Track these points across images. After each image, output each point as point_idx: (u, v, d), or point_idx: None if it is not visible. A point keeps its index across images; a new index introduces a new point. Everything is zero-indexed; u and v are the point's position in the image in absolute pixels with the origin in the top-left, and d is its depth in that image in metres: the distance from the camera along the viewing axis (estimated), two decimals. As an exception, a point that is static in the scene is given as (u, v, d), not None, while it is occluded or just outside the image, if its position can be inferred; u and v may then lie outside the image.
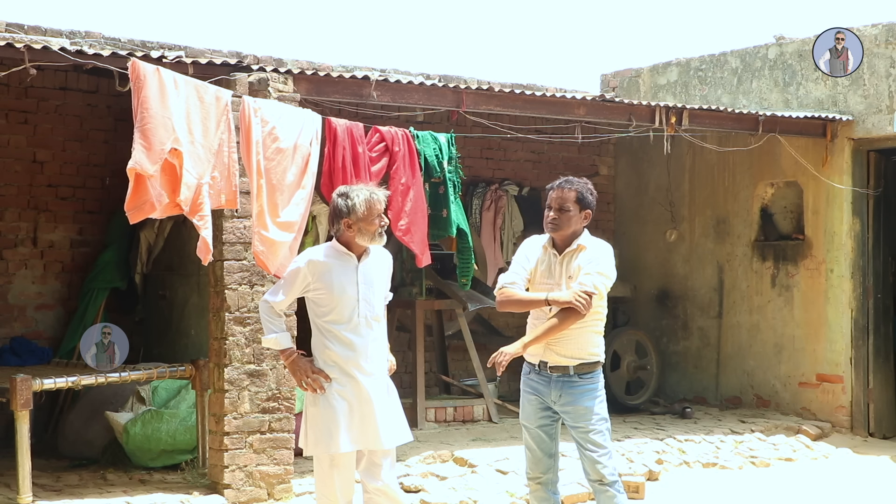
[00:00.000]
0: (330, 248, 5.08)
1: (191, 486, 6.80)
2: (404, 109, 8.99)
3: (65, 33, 8.15)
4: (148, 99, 5.59)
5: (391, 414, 5.09)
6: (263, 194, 6.15)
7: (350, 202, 4.97)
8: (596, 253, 5.10)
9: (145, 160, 5.50)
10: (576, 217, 5.15)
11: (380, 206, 5.02)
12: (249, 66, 6.84)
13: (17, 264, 8.60)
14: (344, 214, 4.98)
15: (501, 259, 10.63)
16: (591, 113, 8.63)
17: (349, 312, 4.99)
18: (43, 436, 8.10)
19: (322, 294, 4.99)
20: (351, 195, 4.99)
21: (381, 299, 5.15)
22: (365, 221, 4.97)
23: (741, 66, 10.49)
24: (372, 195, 5.01)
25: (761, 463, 8.53)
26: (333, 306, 4.98)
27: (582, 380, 5.10)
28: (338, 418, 4.93)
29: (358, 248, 5.05)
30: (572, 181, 5.23)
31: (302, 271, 5.01)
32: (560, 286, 5.09)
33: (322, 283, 4.98)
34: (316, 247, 5.23)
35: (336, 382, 4.97)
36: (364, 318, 5.02)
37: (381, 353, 5.13)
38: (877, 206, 9.79)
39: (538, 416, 5.20)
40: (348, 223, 4.98)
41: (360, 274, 5.03)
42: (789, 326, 10.09)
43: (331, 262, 5.01)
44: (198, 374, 7.01)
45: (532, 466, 5.26)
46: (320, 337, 5.04)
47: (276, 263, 6.21)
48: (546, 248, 5.21)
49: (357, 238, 5.00)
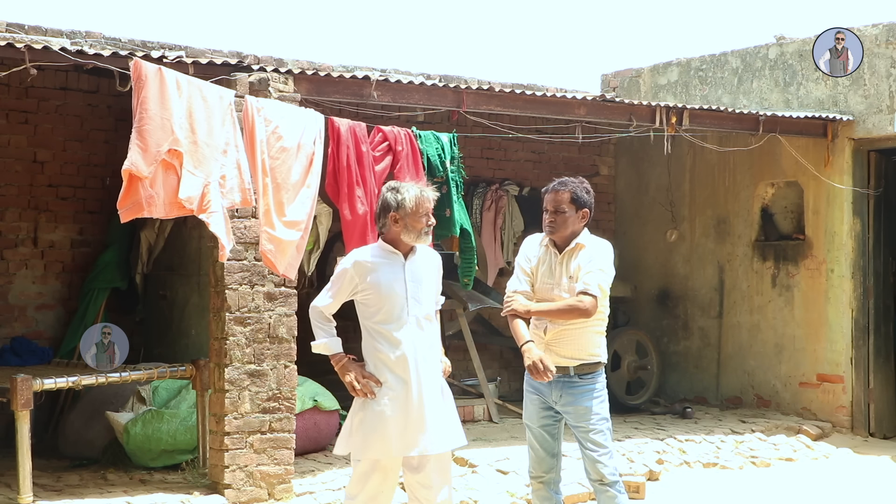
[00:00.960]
0: (376, 247, 5.00)
1: (191, 486, 6.80)
2: (405, 109, 8.99)
3: (65, 33, 8.15)
4: (147, 99, 5.58)
5: (443, 418, 4.94)
6: (269, 193, 6.15)
7: (399, 196, 4.89)
8: (594, 251, 5.10)
9: (141, 161, 5.49)
10: (572, 217, 5.16)
11: (428, 205, 4.94)
12: (250, 66, 6.84)
13: (17, 264, 8.61)
14: (392, 208, 4.90)
15: (502, 259, 10.63)
16: (591, 113, 8.63)
17: (398, 312, 4.88)
18: (43, 436, 8.10)
19: (370, 294, 4.90)
20: (401, 190, 4.92)
21: (431, 298, 5.03)
22: (412, 217, 4.89)
23: (742, 66, 10.49)
24: (422, 192, 4.94)
25: (762, 463, 8.53)
26: (381, 306, 4.89)
27: (582, 380, 5.10)
28: (387, 423, 4.80)
29: (404, 246, 4.96)
30: (566, 182, 5.24)
31: (349, 273, 4.92)
32: (560, 286, 5.10)
33: (369, 282, 4.89)
34: (362, 247, 5.16)
35: (387, 386, 4.85)
36: (414, 318, 4.91)
37: (434, 355, 4.99)
38: (877, 206, 9.79)
39: (541, 415, 5.20)
40: (395, 217, 4.89)
41: (408, 272, 4.94)
42: (790, 326, 10.09)
43: (377, 261, 4.93)
44: (198, 374, 7.01)
45: (535, 466, 5.26)
46: (370, 339, 4.94)
47: (284, 262, 6.20)
48: (547, 247, 5.22)
49: (403, 234, 4.91)
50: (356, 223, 6.87)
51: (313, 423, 7.78)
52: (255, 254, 6.62)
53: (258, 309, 6.67)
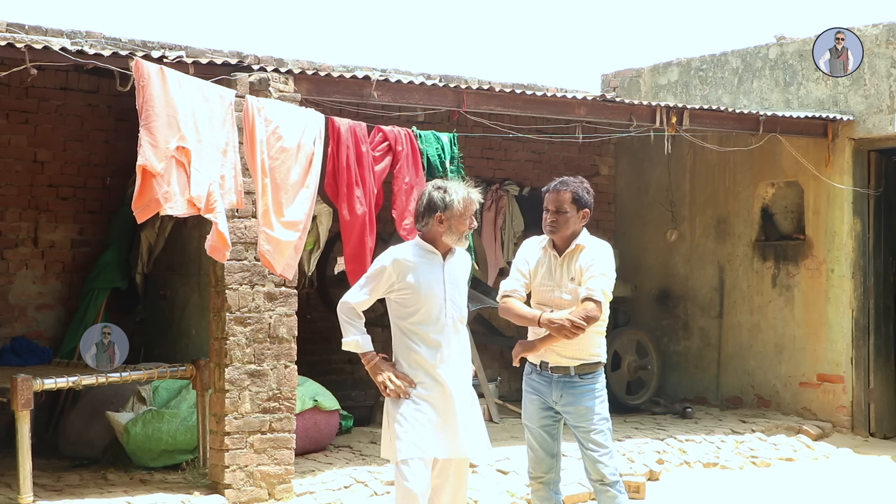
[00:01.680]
0: (415, 245, 4.89)
1: (191, 486, 6.80)
2: (405, 109, 8.99)
3: (65, 33, 8.15)
4: (153, 97, 5.58)
5: (473, 424, 4.89)
6: (269, 194, 6.14)
7: (448, 197, 4.78)
8: (595, 253, 5.08)
9: (153, 157, 5.49)
10: (574, 218, 5.15)
11: (475, 207, 4.85)
12: (250, 66, 6.84)
13: (17, 264, 8.60)
14: (439, 208, 4.78)
15: (502, 259, 10.63)
16: (591, 113, 8.63)
17: (436, 313, 4.79)
18: (44, 436, 8.10)
19: (408, 294, 4.78)
20: (449, 190, 4.80)
21: (465, 301, 4.96)
22: (458, 219, 4.80)
23: (742, 66, 10.49)
24: (470, 194, 4.84)
25: (762, 463, 8.53)
26: (420, 306, 4.78)
27: (583, 380, 5.10)
28: (425, 423, 4.73)
29: (443, 247, 4.86)
30: (567, 182, 5.22)
31: (388, 270, 4.79)
32: (561, 287, 5.09)
33: (408, 282, 4.77)
34: (400, 245, 4.99)
35: (422, 387, 4.77)
36: (451, 320, 4.83)
37: (466, 359, 4.93)
38: (877, 206, 9.79)
39: (540, 415, 5.20)
40: (441, 218, 4.78)
41: (447, 273, 4.85)
42: (790, 326, 10.09)
43: (417, 260, 4.82)
44: (198, 374, 7.01)
45: (534, 466, 5.26)
46: (404, 339, 4.83)
47: (282, 263, 6.20)
48: (546, 249, 5.21)
49: (445, 236, 4.82)
50: (355, 223, 6.86)
51: (313, 423, 7.78)
52: (255, 254, 6.62)
53: (258, 309, 6.67)
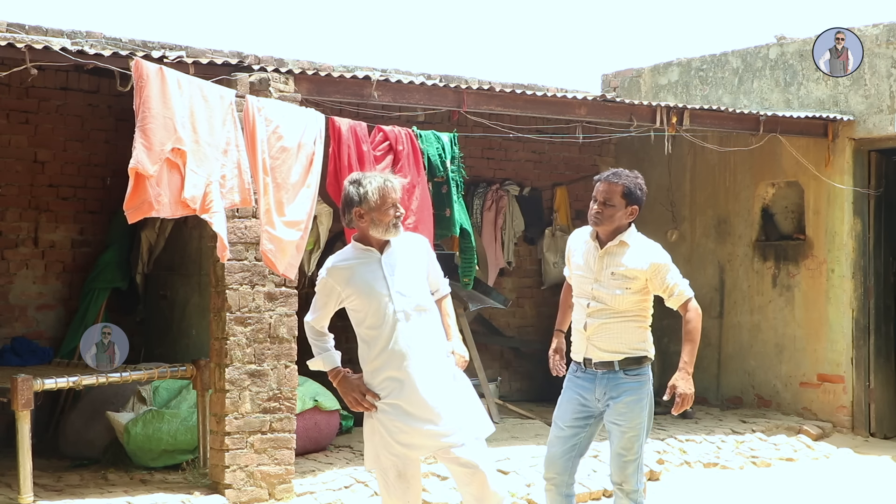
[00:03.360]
0: (349, 249, 4.71)
1: (192, 486, 6.80)
2: (405, 109, 8.99)
3: (66, 33, 8.15)
4: (150, 98, 5.58)
5: (457, 409, 4.65)
6: (270, 193, 6.14)
7: (362, 190, 4.56)
8: (650, 256, 4.97)
9: (146, 160, 5.49)
10: (620, 212, 4.97)
11: (395, 195, 4.61)
12: (250, 66, 6.84)
13: (18, 264, 8.60)
14: (355, 203, 4.59)
15: (502, 259, 10.63)
16: (592, 113, 8.63)
17: (385, 311, 4.58)
18: (44, 436, 8.10)
19: (354, 300, 4.61)
20: (363, 182, 4.59)
21: (420, 288, 4.70)
22: (378, 211, 4.57)
23: (742, 66, 10.49)
24: (386, 182, 4.60)
25: (762, 463, 8.53)
26: (368, 309, 4.60)
27: (627, 376, 4.98)
28: (393, 428, 4.59)
29: (377, 242, 4.65)
30: (620, 174, 5.02)
31: (328, 282, 4.64)
32: (600, 281, 4.99)
33: (350, 287, 4.60)
34: (335, 253, 4.79)
35: (386, 390, 4.61)
36: (403, 313, 4.59)
37: (432, 346, 4.67)
38: (878, 207, 9.79)
39: (574, 416, 5.07)
40: (360, 213, 4.58)
41: (385, 267, 4.62)
42: (790, 326, 10.09)
43: (352, 262, 4.64)
44: (199, 374, 7.01)
45: (547, 465, 5.15)
46: (364, 346, 4.67)
47: (285, 262, 6.19)
48: (589, 239, 5.10)
49: (371, 230, 4.60)
50: (358, 223, 6.86)
51: (314, 423, 7.78)
52: (255, 254, 6.62)
53: (259, 309, 6.67)
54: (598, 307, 5.01)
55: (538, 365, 10.97)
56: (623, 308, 4.99)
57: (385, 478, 4.72)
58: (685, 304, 5.07)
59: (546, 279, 11.07)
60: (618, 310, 4.99)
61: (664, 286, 5.02)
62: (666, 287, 5.02)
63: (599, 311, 5.01)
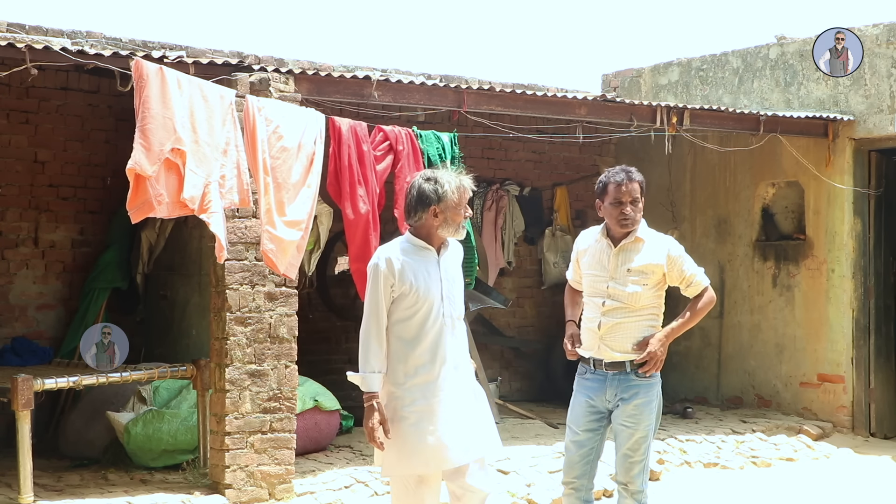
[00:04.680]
0: (405, 242, 4.59)
1: (192, 486, 6.80)
2: (405, 109, 8.99)
3: (66, 33, 8.14)
4: (150, 98, 5.58)
5: (479, 424, 4.64)
6: (270, 193, 6.14)
7: (440, 189, 4.49)
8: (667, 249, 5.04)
9: (144, 160, 5.49)
10: (642, 207, 5.05)
11: (469, 195, 4.58)
12: (250, 66, 6.84)
13: (18, 264, 8.60)
14: (432, 202, 4.49)
15: (502, 259, 10.63)
16: (592, 113, 8.63)
17: (434, 313, 4.51)
18: (44, 436, 8.10)
19: (404, 296, 4.50)
20: (441, 180, 4.51)
21: (461, 296, 4.68)
22: (454, 211, 4.52)
23: (742, 65, 10.49)
24: (463, 182, 4.56)
25: (762, 463, 8.52)
26: (418, 308, 4.50)
27: (638, 378, 4.95)
28: (423, 435, 4.49)
29: (438, 240, 4.59)
30: (632, 172, 5.03)
31: (382, 271, 4.49)
32: (616, 279, 4.97)
33: (404, 282, 4.48)
34: (388, 243, 4.67)
35: (424, 396, 4.51)
36: (449, 319, 4.56)
37: (466, 357, 4.67)
38: (878, 206, 9.79)
39: (587, 419, 5.04)
40: (435, 211, 4.50)
41: (443, 269, 4.57)
42: (790, 326, 10.09)
43: (409, 258, 4.53)
44: (199, 374, 7.01)
45: (566, 470, 5.10)
46: (399, 343, 4.54)
47: (285, 262, 6.19)
48: (599, 238, 5.08)
49: (440, 229, 4.54)
50: (359, 222, 6.86)
51: (314, 423, 7.78)
52: (255, 254, 6.62)
53: (259, 309, 6.67)
54: (614, 305, 4.97)
55: (538, 365, 10.98)
56: (640, 305, 4.98)
57: (405, 484, 4.61)
58: (702, 292, 5.14)
59: (546, 279, 11.06)
60: (634, 307, 4.97)
61: (682, 276, 5.07)
62: (683, 277, 5.08)
63: (615, 309, 4.97)
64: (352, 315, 9.85)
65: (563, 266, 10.66)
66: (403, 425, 4.52)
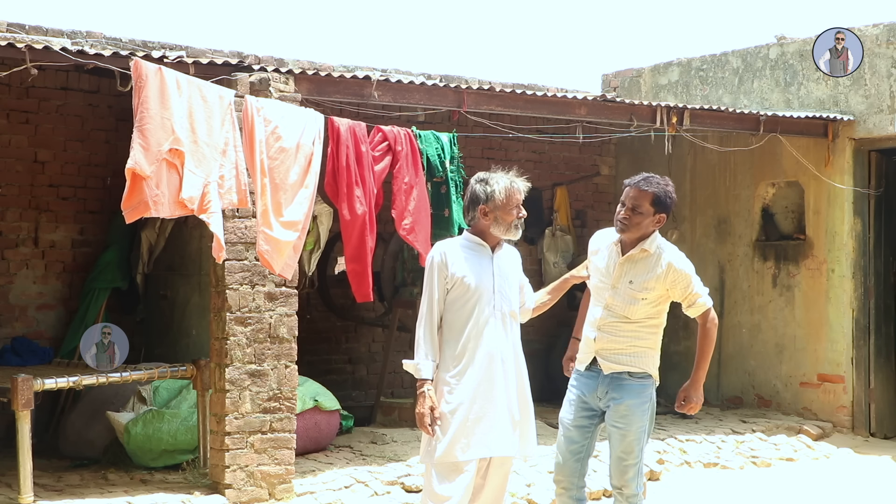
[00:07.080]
0: (463, 239, 4.86)
1: (192, 486, 6.80)
2: (405, 109, 8.99)
3: (66, 33, 8.15)
4: (148, 99, 5.58)
5: (524, 421, 4.86)
6: (268, 193, 6.14)
7: (489, 189, 4.76)
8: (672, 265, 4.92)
9: (143, 160, 5.49)
10: (648, 220, 4.89)
11: (519, 196, 4.81)
12: (250, 66, 6.84)
13: (18, 264, 8.60)
14: (481, 201, 4.77)
15: (503, 259, 10.61)
16: (592, 113, 8.63)
17: (486, 305, 4.74)
18: (44, 436, 8.10)
19: (458, 287, 4.73)
20: (490, 181, 4.77)
21: (516, 296, 4.91)
22: (503, 210, 4.76)
23: (742, 65, 10.49)
24: (513, 184, 4.80)
25: (762, 463, 8.52)
26: (469, 299, 4.73)
27: (632, 378, 4.93)
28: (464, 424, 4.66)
29: (492, 239, 4.84)
30: (652, 181, 4.91)
31: (437, 263, 4.75)
32: (616, 290, 4.90)
33: (458, 273, 4.72)
34: (448, 239, 4.98)
35: (465, 386, 4.69)
36: (501, 313, 4.78)
37: (518, 354, 4.88)
38: (878, 206, 9.79)
39: (578, 414, 5.02)
40: (485, 210, 4.76)
41: (496, 266, 4.81)
42: (790, 326, 10.09)
43: (465, 252, 4.79)
44: (199, 374, 7.01)
45: (557, 470, 5.08)
46: (450, 334, 4.76)
47: (281, 263, 6.19)
48: (615, 244, 5.00)
49: (492, 228, 4.79)
50: (355, 223, 6.85)
51: (314, 423, 7.78)
52: (255, 254, 6.62)
53: (259, 309, 6.67)
54: (611, 319, 4.91)
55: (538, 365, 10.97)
56: (637, 318, 4.90)
57: (443, 471, 4.71)
58: (704, 315, 5.00)
59: (546, 279, 11.05)
60: (631, 320, 4.90)
61: (684, 295, 4.96)
62: (686, 296, 4.96)
63: (612, 324, 4.92)
64: (352, 315, 9.86)
65: (563, 266, 10.66)
66: (446, 412, 4.69)
